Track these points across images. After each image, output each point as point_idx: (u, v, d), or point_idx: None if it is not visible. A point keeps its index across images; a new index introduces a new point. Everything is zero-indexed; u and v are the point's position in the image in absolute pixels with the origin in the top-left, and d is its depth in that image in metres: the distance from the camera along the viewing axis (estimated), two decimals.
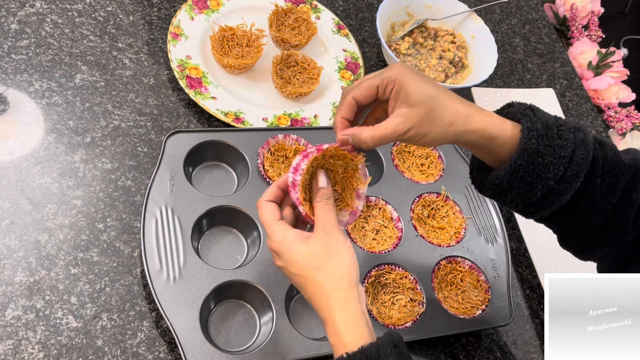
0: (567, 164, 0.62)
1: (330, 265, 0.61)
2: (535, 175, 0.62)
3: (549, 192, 0.63)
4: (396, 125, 0.62)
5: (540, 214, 0.66)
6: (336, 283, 0.60)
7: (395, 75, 0.62)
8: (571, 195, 0.63)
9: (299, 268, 0.62)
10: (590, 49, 1.39)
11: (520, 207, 0.66)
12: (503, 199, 0.67)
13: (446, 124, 0.62)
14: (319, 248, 0.61)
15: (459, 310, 0.87)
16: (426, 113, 0.62)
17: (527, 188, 0.63)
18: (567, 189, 0.63)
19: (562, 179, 0.62)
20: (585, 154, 0.63)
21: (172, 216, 0.80)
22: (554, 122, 0.63)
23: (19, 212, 0.80)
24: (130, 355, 0.74)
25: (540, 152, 0.61)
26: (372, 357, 0.56)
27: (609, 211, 0.65)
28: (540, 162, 0.61)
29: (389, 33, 1.18)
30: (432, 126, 0.62)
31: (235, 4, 1.11)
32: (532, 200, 0.64)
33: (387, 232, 0.91)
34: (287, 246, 0.62)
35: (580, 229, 0.67)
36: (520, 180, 0.63)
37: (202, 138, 0.88)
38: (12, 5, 0.97)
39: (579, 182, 0.63)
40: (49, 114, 0.89)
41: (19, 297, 0.74)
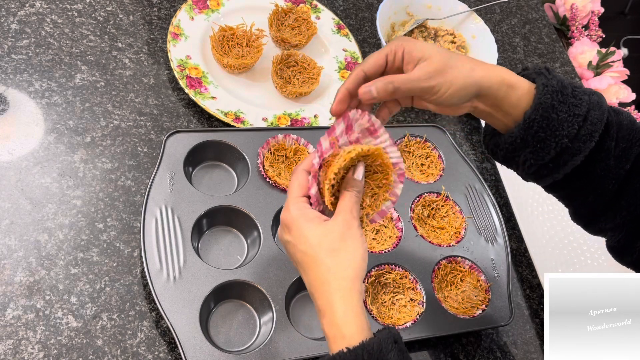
0: (582, 122, 0.61)
1: (343, 251, 0.59)
2: (549, 131, 0.62)
3: (562, 151, 0.62)
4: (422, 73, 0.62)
5: (553, 176, 0.65)
6: (343, 271, 0.59)
7: (401, 41, 0.63)
8: (584, 155, 0.63)
9: (310, 246, 0.60)
10: (590, 48, 1.39)
11: (533, 168, 0.65)
12: (516, 160, 0.66)
13: (468, 69, 0.63)
14: (335, 232, 0.60)
15: (459, 310, 0.87)
16: (446, 60, 0.62)
17: (540, 146, 0.62)
18: (580, 148, 0.62)
19: (576, 137, 0.62)
20: (599, 114, 0.62)
21: (172, 216, 0.80)
22: (569, 83, 0.63)
23: (19, 212, 0.80)
24: (130, 355, 0.74)
25: (555, 107, 0.61)
26: (374, 353, 0.54)
27: (622, 177, 0.64)
28: (554, 118, 0.61)
29: (389, 33, 1.18)
30: (455, 72, 0.62)
31: (235, 4, 1.11)
32: (545, 160, 0.63)
33: (387, 232, 0.91)
34: (302, 221, 0.61)
35: (593, 196, 0.66)
36: (533, 137, 0.62)
37: (202, 138, 0.88)
38: (12, 5, 0.97)
39: (593, 143, 0.62)
40: (48, 114, 0.89)
41: (19, 297, 0.74)
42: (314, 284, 0.60)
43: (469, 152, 1.11)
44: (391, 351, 0.55)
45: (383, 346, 0.55)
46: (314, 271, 0.60)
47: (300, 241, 0.61)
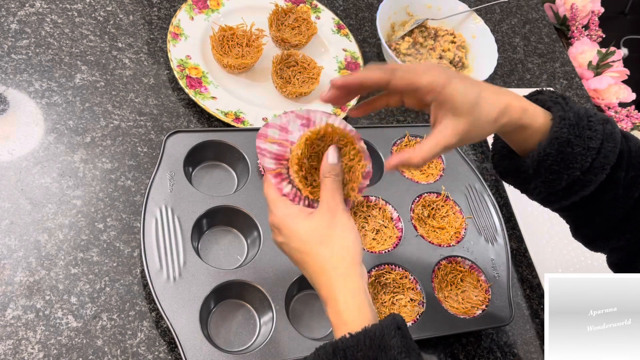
0: (595, 155, 0.62)
1: (334, 239, 0.60)
2: (563, 165, 0.62)
3: (574, 183, 0.63)
4: (447, 141, 0.61)
5: (560, 203, 0.66)
6: (339, 258, 0.59)
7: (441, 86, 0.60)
8: (595, 187, 0.63)
9: (302, 242, 0.61)
10: (591, 48, 1.39)
11: (542, 195, 0.66)
12: (526, 187, 0.67)
13: (489, 122, 0.62)
14: (323, 222, 0.60)
15: (459, 310, 0.87)
16: (472, 120, 0.61)
17: (552, 177, 0.63)
18: (592, 180, 0.63)
19: (589, 170, 0.62)
20: (613, 146, 0.63)
21: (172, 216, 0.80)
22: (584, 113, 0.63)
23: (19, 212, 0.80)
24: (130, 355, 0.74)
25: (571, 142, 0.61)
26: (375, 339, 0.54)
27: (630, 205, 0.65)
28: (569, 152, 0.61)
29: (389, 33, 1.18)
30: (477, 130, 0.62)
31: (235, 4, 1.11)
32: (555, 190, 0.64)
33: (387, 232, 0.91)
34: (289, 220, 0.61)
35: (600, 220, 0.67)
36: (547, 169, 0.63)
37: (202, 138, 0.88)
38: (12, 5, 0.97)
39: (605, 175, 0.63)
40: (48, 113, 0.89)
41: (19, 297, 0.74)
42: (314, 276, 0.60)
43: (469, 152, 1.11)
44: (394, 337, 0.54)
45: (385, 332, 0.55)
46: (311, 265, 0.60)
47: (292, 239, 0.61)
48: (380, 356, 0.54)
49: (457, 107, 0.60)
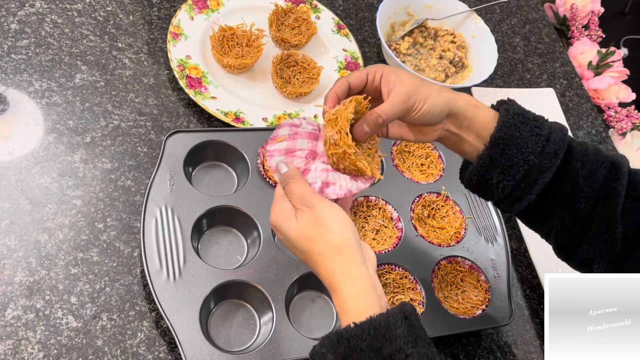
0: (545, 141, 0.66)
1: (322, 233, 0.60)
2: (515, 149, 0.66)
3: (530, 169, 0.66)
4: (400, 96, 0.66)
5: (527, 197, 0.68)
6: (332, 250, 0.60)
7: (379, 66, 0.69)
8: (553, 172, 0.66)
9: (293, 242, 0.62)
10: (591, 48, 1.39)
11: (506, 190, 0.68)
12: (489, 183, 0.69)
13: (437, 89, 0.68)
14: (306, 221, 0.61)
15: (459, 310, 0.87)
16: (417, 82, 0.67)
17: (509, 164, 0.66)
18: (547, 165, 0.66)
19: (542, 154, 0.66)
20: (561, 136, 0.67)
21: (172, 216, 0.80)
22: (530, 112, 0.69)
23: (18, 212, 0.80)
24: (130, 355, 0.74)
25: (518, 126, 0.67)
26: (380, 328, 0.54)
27: (593, 198, 0.68)
28: (518, 136, 0.66)
29: (389, 33, 1.18)
30: (426, 90, 0.67)
31: (235, 4, 1.11)
32: (516, 180, 0.67)
33: (387, 232, 0.91)
34: (280, 221, 0.63)
35: (569, 219, 0.69)
36: (501, 154, 0.67)
37: (202, 138, 0.88)
38: (12, 5, 0.97)
39: (559, 160, 0.66)
40: (48, 113, 0.89)
41: (19, 297, 0.74)
42: (316, 270, 0.62)
43: None
44: (400, 327, 0.54)
45: (391, 322, 0.54)
46: (310, 261, 0.62)
47: (286, 239, 0.63)
48: (385, 346, 0.53)
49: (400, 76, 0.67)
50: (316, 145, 0.68)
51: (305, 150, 0.67)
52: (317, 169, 0.65)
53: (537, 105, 1.22)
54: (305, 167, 0.66)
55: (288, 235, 0.62)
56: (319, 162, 0.66)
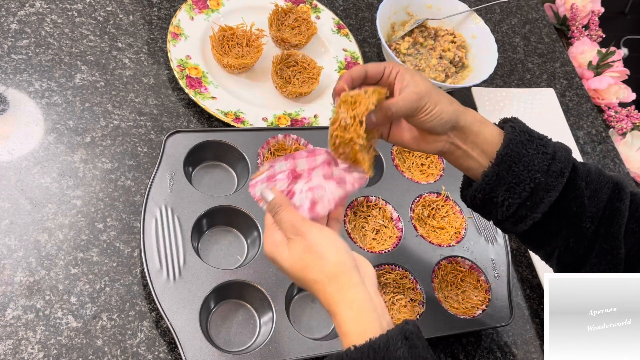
0: (551, 160, 0.66)
1: (315, 261, 0.60)
2: (522, 166, 0.66)
3: (537, 187, 0.66)
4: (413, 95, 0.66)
5: (532, 216, 0.67)
6: (329, 276, 0.59)
7: (396, 64, 0.69)
8: (558, 191, 0.66)
9: (288, 272, 0.62)
10: (591, 48, 1.39)
11: (511, 208, 0.67)
12: (494, 201, 0.68)
13: (448, 100, 0.68)
14: (298, 250, 0.61)
15: (459, 310, 0.87)
16: (431, 88, 0.67)
17: (515, 181, 0.66)
18: (553, 184, 0.66)
19: (548, 173, 0.66)
20: (566, 155, 0.67)
21: (172, 216, 0.80)
22: (534, 131, 0.69)
23: (18, 212, 0.80)
24: (130, 355, 0.74)
25: (524, 144, 0.67)
26: (379, 351, 0.53)
27: (598, 218, 0.68)
28: (525, 154, 0.66)
29: (389, 33, 1.18)
30: (438, 97, 0.67)
31: (235, 4, 1.11)
32: (522, 198, 0.66)
33: (387, 232, 0.91)
34: (275, 250, 0.62)
35: (574, 239, 0.68)
36: (508, 172, 0.66)
37: (202, 138, 0.88)
38: (12, 5, 0.97)
39: (564, 179, 0.66)
40: (48, 113, 0.89)
41: (19, 297, 0.74)
42: (315, 295, 0.61)
43: None
44: (400, 348, 0.53)
45: (390, 343, 0.54)
46: (308, 288, 0.61)
47: (281, 268, 0.63)
48: None
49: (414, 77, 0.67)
50: (296, 164, 0.66)
51: (285, 172, 0.66)
52: (302, 190, 0.64)
53: (537, 105, 1.23)
54: (289, 189, 0.65)
55: (282, 265, 0.62)
56: (302, 182, 0.65)
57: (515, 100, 1.22)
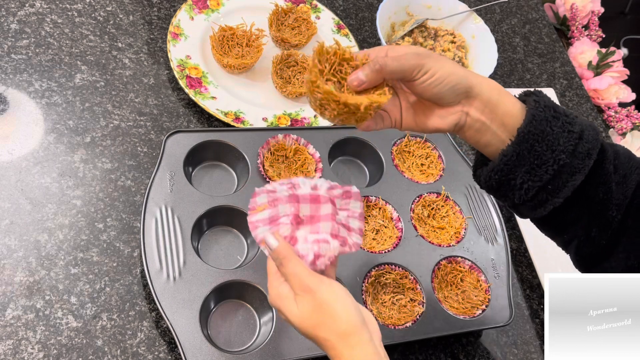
0: (577, 139, 0.59)
1: (326, 321, 0.58)
2: (545, 146, 0.59)
3: (561, 170, 0.59)
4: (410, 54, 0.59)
5: (553, 201, 0.61)
6: (339, 335, 0.57)
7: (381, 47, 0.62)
8: (584, 175, 0.60)
9: (297, 327, 0.60)
10: (591, 48, 1.39)
11: (531, 191, 0.61)
12: (512, 183, 0.61)
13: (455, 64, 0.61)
14: (307, 308, 0.58)
15: (459, 310, 0.87)
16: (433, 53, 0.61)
17: (537, 162, 0.59)
18: (579, 166, 0.59)
19: (574, 154, 0.59)
20: (594, 134, 0.60)
21: (172, 216, 0.80)
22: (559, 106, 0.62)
23: (18, 212, 0.80)
24: (130, 355, 0.74)
25: (549, 121, 0.59)
26: None
27: (625, 206, 0.62)
28: (549, 132, 0.59)
29: (389, 33, 1.18)
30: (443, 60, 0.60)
31: (235, 4, 1.11)
32: (543, 181, 0.60)
33: (387, 232, 0.91)
34: (280, 304, 0.60)
35: (597, 229, 0.63)
36: (530, 151, 0.59)
37: (202, 138, 0.88)
38: (12, 5, 0.97)
39: (592, 160, 0.60)
40: (48, 113, 0.89)
41: (19, 297, 0.74)
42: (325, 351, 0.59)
43: (469, 152, 1.11)
44: None
45: None
46: (318, 344, 0.59)
47: (289, 322, 0.60)
48: None
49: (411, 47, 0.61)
50: (299, 208, 0.64)
51: (289, 216, 0.63)
52: (307, 239, 0.62)
53: None
54: (292, 235, 0.63)
55: (291, 321, 0.60)
56: (305, 230, 0.63)
57: None
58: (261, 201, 0.64)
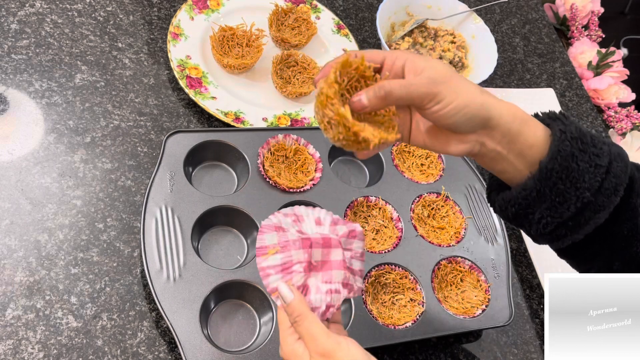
0: (604, 174, 0.54)
1: None
2: (569, 183, 0.54)
3: (584, 207, 0.55)
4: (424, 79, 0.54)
5: (572, 237, 0.57)
6: None
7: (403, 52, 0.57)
8: (609, 213, 0.56)
9: None
10: (590, 48, 1.40)
11: (549, 227, 0.57)
12: (530, 218, 0.58)
13: (476, 89, 0.55)
14: None
15: (459, 310, 0.87)
16: (452, 72, 0.55)
17: (559, 200, 0.55)
18: (604, 203, 0.55)
19: (599, 191, 0.54)
20: (623, 166, 0.56)
21: (172, 216, 0.80)
22: (587, 131, 0.56)
23: (19, 212, 0.80)
24: (130, 355, 0.74)
25: (575, 156, 0.54)
26: None
27: None
28: (574, 168, 0.54)
29: (389, 33, 1.18)
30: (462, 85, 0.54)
31: (235, 4, 1.11)
32: (563, 218, 0.56)
33: (387, 232, 0.91)
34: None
35: (619, 263, 0.59)
36: (552, 189, 0.55)
37: (202, 138, 0.88)
38: (12, 5, 0.97)
39: (618, 198, 0.55)
40: (48, 113, 0.89)
41: (19, 297, 0.74)
42: None
43: None
44: None
45: None
46: None
47: None
48: None
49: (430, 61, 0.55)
50: (311, 254, 0.61)
51: (302, 263, 0.61)
52: (320, 289, 0.61)
53: (537, 106, 1.23)
54: (304, 283, 0.61)
55: None
56: (317, 278, 0.61)
57: (515, 101, 1.21)
58: (271, 242, 0.62)
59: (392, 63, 0.57)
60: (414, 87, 0.53)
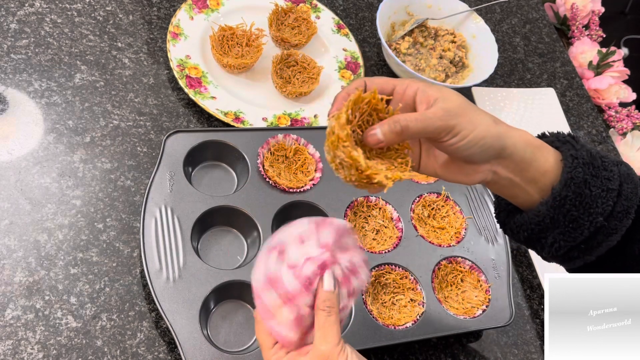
0: (616, 198, 0.55)
1: None
2: (583, 210, 0.55)
3: (597, 231, 0.56)
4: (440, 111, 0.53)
5: (584, 259, 0.58)
6: None
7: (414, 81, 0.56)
8: (621, 235, 0.56)
9: None
10: (591, 48, 1.39)
11: (561, 251, 0.58)
12: (542, 242, 0.58)
13: (490, 119, 0.55)
14: None
15: (459, 311, 0.87)
16: (466, 105, 0.55)
17: (572, 226, 0.55)
18: (617, 227, 0.55)
19: (612, 215, 0.55)
20: (633, 188, 0.56)
21: (172, 216, 0.80)
22: (596, 153, 0.57)
23: (18, 212, 0.80)
24: (130, 355, 0.74)
25: (588, 182, 0.54)
26: None
27: None
28: (587, 194, 0.54)
29: (389, 33, 1.18)
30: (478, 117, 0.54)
31: (235, 4, 1.11)
32: (576, 242, 0.56)
33: (387, 232, 0.90)
34: None
35: None
36: (565, 216, 0.55)
37: (201, 138, 0.88)
38: (12, 4, 0.97)
39: (630, 220, 0.56)
40: (48, 113, 0.89)
41: (19, 297, 0.74)
42: None
43: None
44: None
45: None
46: None
47: None
48: None
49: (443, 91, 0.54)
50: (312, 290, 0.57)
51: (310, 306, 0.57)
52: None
53: (537, 105, 1.23)
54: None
55: None
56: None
57: (516, 100, 1.22)
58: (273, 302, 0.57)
59: (402, 92, 0.56)
60: (430, 121, 0.52)
